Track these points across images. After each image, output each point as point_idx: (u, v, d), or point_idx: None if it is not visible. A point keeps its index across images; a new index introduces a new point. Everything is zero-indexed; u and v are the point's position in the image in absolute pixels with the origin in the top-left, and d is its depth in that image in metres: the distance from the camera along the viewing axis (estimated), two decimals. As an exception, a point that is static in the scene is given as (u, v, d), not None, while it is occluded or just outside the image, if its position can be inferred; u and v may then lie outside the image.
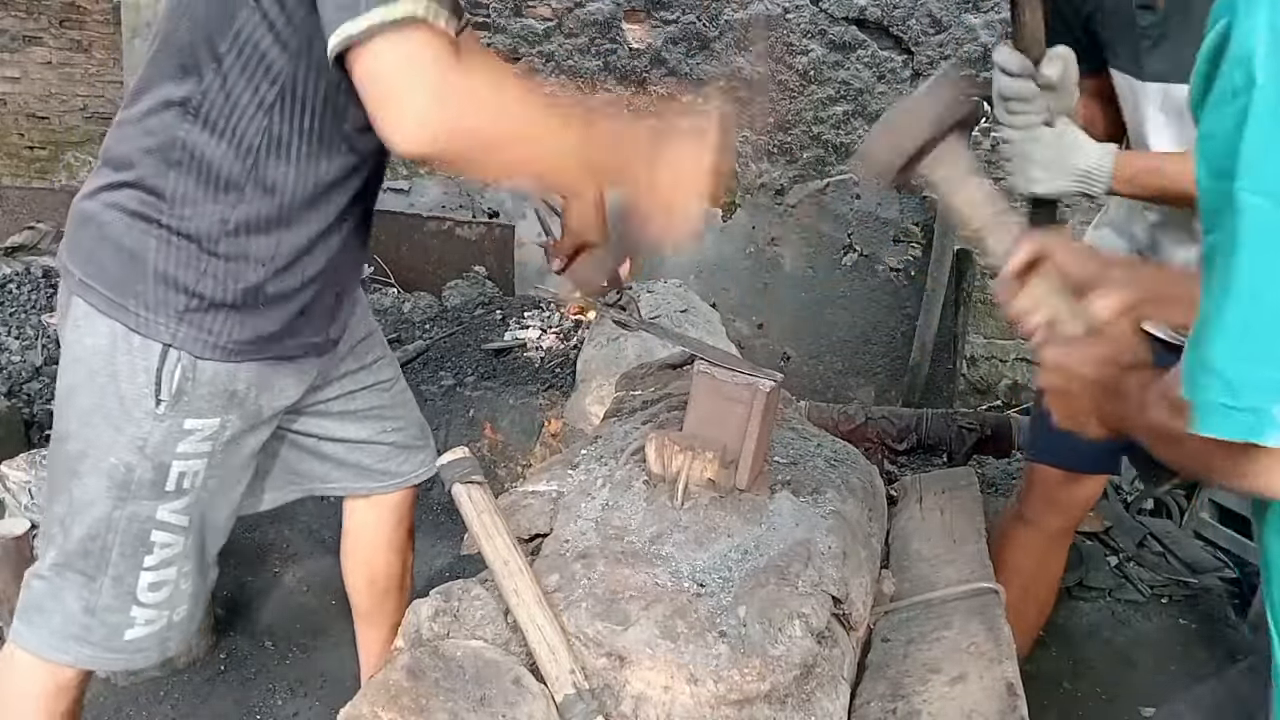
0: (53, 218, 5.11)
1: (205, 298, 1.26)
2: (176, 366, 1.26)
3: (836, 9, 4.58)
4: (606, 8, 4.75)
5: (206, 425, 1.32)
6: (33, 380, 3.04)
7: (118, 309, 1.25)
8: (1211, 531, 3.09)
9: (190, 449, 1.32)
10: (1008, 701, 1.23)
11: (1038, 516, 1.96)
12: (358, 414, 1.60)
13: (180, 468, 1.32)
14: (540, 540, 1.33)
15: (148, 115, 1.23)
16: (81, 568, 1.33)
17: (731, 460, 1.34)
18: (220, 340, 1.29)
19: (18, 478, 2.17)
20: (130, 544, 1.33)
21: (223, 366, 1.30)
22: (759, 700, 1.05)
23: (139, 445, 1.28)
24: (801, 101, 4.73)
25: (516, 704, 1.01)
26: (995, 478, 3.39)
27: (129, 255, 1.24)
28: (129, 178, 1.24)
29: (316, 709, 2.20)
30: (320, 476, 1.63)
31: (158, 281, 1.24)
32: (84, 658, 1.36)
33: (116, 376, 1.26)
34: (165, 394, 1.27)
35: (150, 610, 1.36)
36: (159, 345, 1.25)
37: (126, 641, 1.36)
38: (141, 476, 1.30)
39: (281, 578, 2.65)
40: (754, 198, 4.88)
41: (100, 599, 1.34)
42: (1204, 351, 0.69)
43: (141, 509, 1.31)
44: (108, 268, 1.25)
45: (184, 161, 1.22)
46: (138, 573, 1.34)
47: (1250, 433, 0.67)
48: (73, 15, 5.23)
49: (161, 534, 1.34)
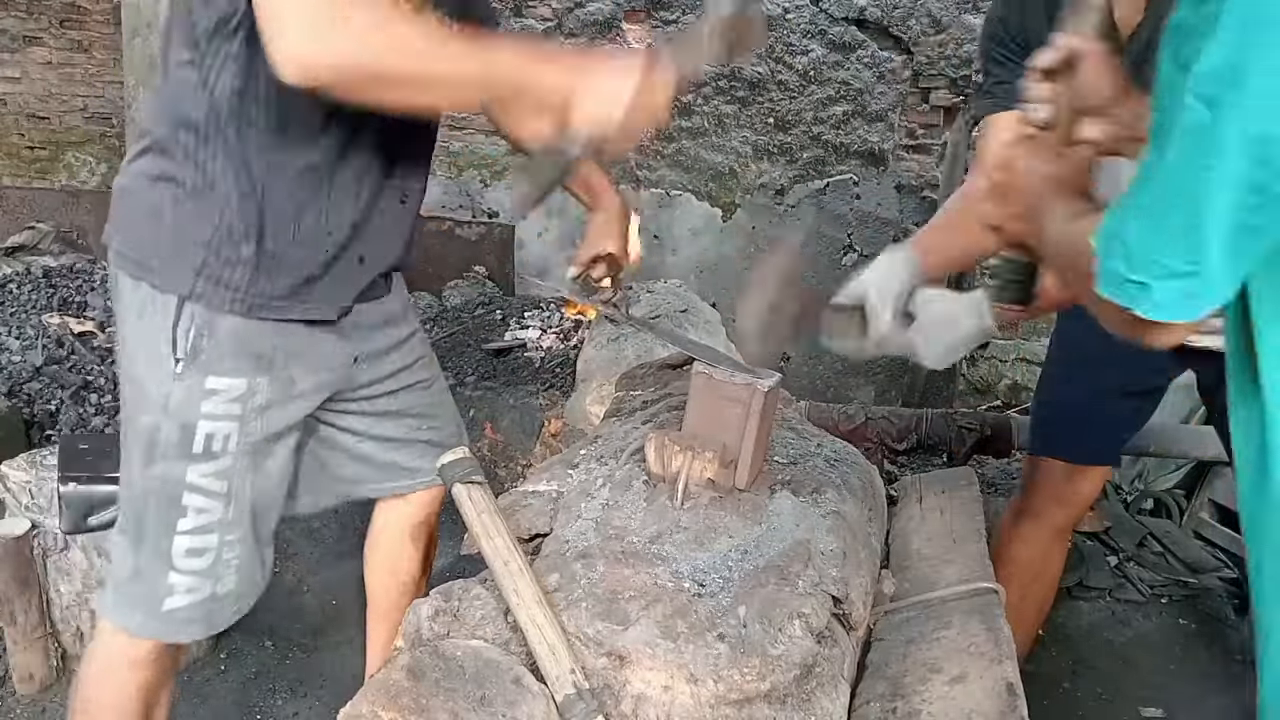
0: (53, 218, 5.12)
1: (220, 253, 1.28)
2: (191, 323, 1.29)
3: (836, 9, 4.58)
4: (606, 8, 4.75)
5: (232, 386, 1.32)
6: (33, 380, 3.04)
7: (144, 270, 1.30)
8: (1211, 531, 3.09)
9: (216, 409, 1.32)
10: (1008, 701, 1.23)
11: (1041, 511, 1.98)
12: (398, 412, 1.61)
13: (207, 428, 1.32)
14: (540, 540, 1.33)
15: (164, 84, 1.30)
16: (130, 530, 1.37)
17: (731, 460, 1.34)
18: (239, 294, 1.30)
19: (18, 478, 2.17)
20: (163, 506, 1.34)
21: (241, 322, 1.31)
22: (759, 700, 1.05)
23: (163, 404, 1.31)
24: (801, 101, 4.73)
25: (516, 704, 1.01)
26: (995, 478, 3.39)
27: (151, 217, 1.29)
28: (148, 143, 1.30)
29: (316, 709, 2.20)
30: (355, 479, 1.64)
31: (176, 237, 1.28)
32: (135, 623, 1.38)
33: (145, 337, 1.31)
34: (181, 351, 1.29)
35: (189, 578, 1.37)
36: (175, 299, 1.28)
37: (166, 611, 1.37)
38: (168, 436, 1.31)
39: (282, 578, 2.65)
40: (754, 198, 4.88)
41: (141, 561, 1.36)
42: (1121, 217, 0.77)
43: (172, 470, 1.33)
44: (135, 233, 1.31)
45: (190, 117, 1.25)
46: (172, 536, 1.35)
47: (1133, 302, 0.75)
48: (73, 15, 5.23)
49: (194, 497, 1.34)
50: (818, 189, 4.82)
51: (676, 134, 4.87)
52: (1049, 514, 1.97)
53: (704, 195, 4.93)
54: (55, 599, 2.17)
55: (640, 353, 2.82)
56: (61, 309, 3.51)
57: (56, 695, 2.16)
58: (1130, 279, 0.74)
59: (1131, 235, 0.75)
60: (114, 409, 2.99)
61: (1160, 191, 0.73)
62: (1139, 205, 0.75)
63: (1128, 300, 0.75)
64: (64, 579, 2.16)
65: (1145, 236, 0.74)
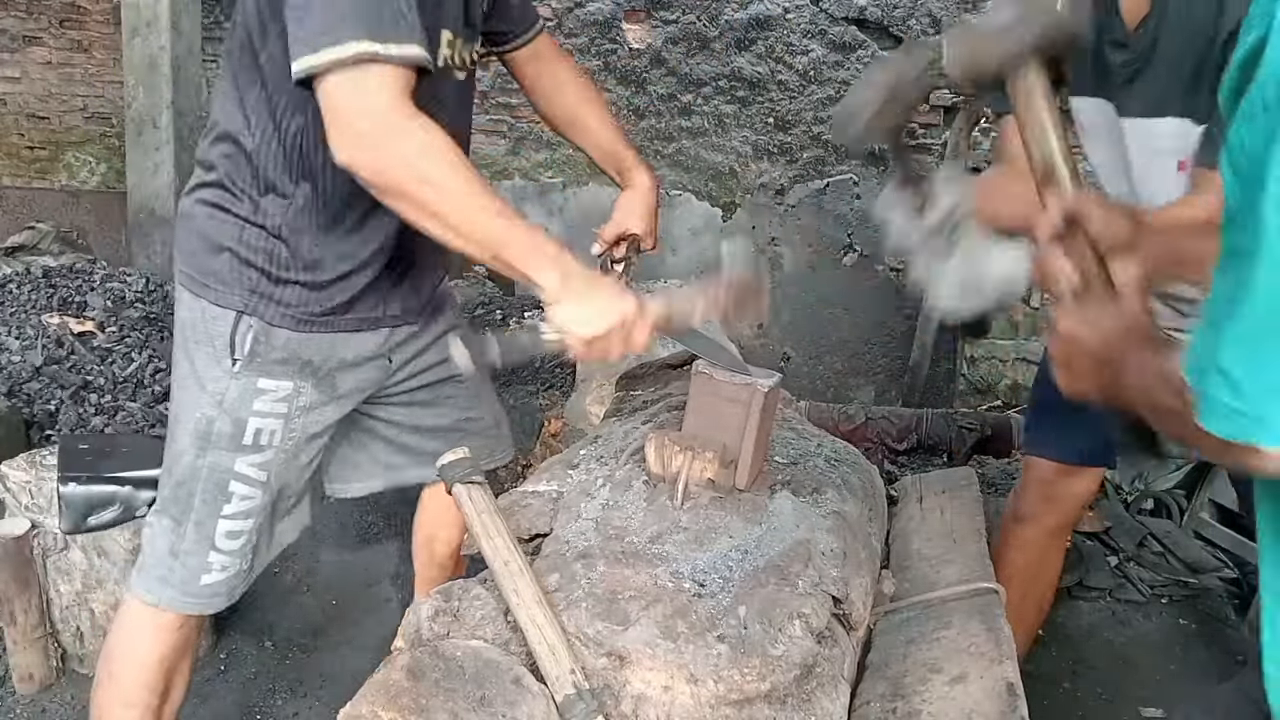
0: (53, 218, 5.11)
1: (273, 276, 1.43)
2: (249, 330, 1.43)
3: (836, 9, 4.58)
4: (606, 8, 4.75)
5: (280, 388, 1.46)
6: (33, 380, 3.03)
7: (202, 287, 1.44)
8: (1211, 531, 3.09)
9: (266, 408, 1.46)
10: (1008, 701, 1.23)
11: (1035, 513, 1.97)
12: (438, 402, 1.70)
13: (257, 424, 1.46)
14: (540, 540, 1.33)
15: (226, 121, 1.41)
16: (172, 513, 1.49)
17: (731, 460, 1.34)
18: (289, 310, 1.44)
19: (18, 478, 2.17)
20: (211, 492, 1.47)
21: (294, 335, 1.45)
22: (759, 700, 1.05)
23: (218, 400, 1.45)
24: (801, 101, 4.73)
25: (516, 704, 1.01)
26: (995, 478, 3.39)
27: (211, 242, 1.43)
28: (210, 178, 1.44)
29: (316, 709, 2.20)
30: (400, 466, 1.74)
31: (233, 262, 1.42)
32: (166, 598, 1.50)
33: (201, 342, 1.45)
34: (239, 353, 1.43)
35: (225, 557, 1.50)
36: (233, 313, 1.43)
37: (203, 586, 1.50)
38: (221, 429, 1.45)
39: (282, 578, 2.65)
40: (754, 198, 4.88)
41: (184, 543, 1.49)
42: (1214, 348, 0.70)
43: (221, 460, 1.46)
44: (195, 254, 1.45)
45: (247, 160, 1.40)
46: (216, 520, 1.48)
47: (1250, 435, 0.69)
48: (73, 15, 5.23)
49: (240, 485, 1.48)
50: (818, 189, 4.81)
51: (676, 134, 4.87)
52: (1042, 516, 1.96)
53: (704, 195, 4.93)
54: (55, 599, 2.17)
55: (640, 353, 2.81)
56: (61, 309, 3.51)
57: (56, 695, 2.16)
58: (1241, 411, 0.69)
59: (1234, 365, 0.69)
60: (114, 409, 2.99)
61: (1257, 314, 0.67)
62: (1237, 334, 0.69)
63: (1241, 433, 0.69)
64: (64, 579, 2.16)
65: (1251, 365, 0.68)
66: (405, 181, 1.18)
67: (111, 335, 3.36)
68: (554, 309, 1.23)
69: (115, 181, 5.25)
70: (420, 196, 1.19)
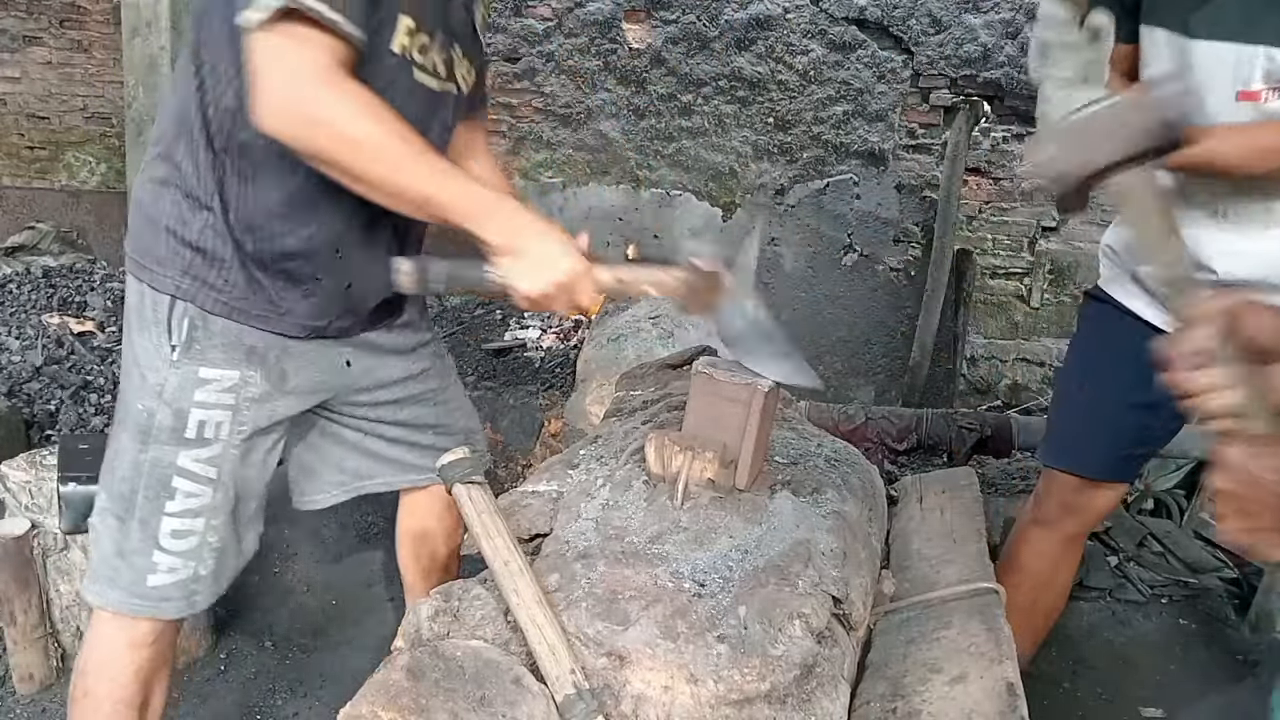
0: (53, 218, 5.11)
1: (206, 252, 1.35)
2: (185, 316, 1.36)
3: (836, 9, 4.58)
4: (606, 8, 4.75)
5: (224, 377, 1.39)
6: (33, 380, 3.04)
7: (142, 270, 1.38)
8: (1211, 531, 3.09)
9: (209, 399, 1.39)
10: (1008, 701, 1.23)
11: (1053, 520, 1.92)
12: (403, 423, 1.64)
13: (200, 416, 1.39)
14: (540, 540, 1.33)
15: (173, 93, 1.39)
16: (116, 511, 1.43)
17: (731, 460, 1.34)
18: (221, 297, 1.37)
19: (18, 478, 2.17)
20: (154, 488, 1.40)
21: (231, 323, 1.38)
22: (759, 700, 1.05)
23: (158, 391, 1.38)
24: (801, 101, 4.73)
25: (516, 704, 1.01)
26: (995, 478, 3.39)
27: (151, 220, 1.38)
28: (158, 150, 1.39)
29: (316, 709, 2.20)
30: (366, 474, 1.68)
31: (168, 238, 1.36)
32: (113, 600, 1.43)
33: (142, 328, 1.39)
34: (176, 339, 1.37)
35: (173, 558, 1.43)
36: (167, 297, 1.36)
37: (150, 588, 1.42)
38: (161, 422, 1.39)
39: (282, 578, 2.65)
40: (754, 198, 4.88)
41: (128, 542, 1.42)
42: None
43: (164, 454, 1.39)
44: (139, 235, 1.40)
45: (189, 127, 1.33)
46: (160, 517, 1.41)
47: None
48: (73, 15, 5.23)
49: (184, 481, 1.41)
50: (818, 189, 4.81)
51: (676, 134, 4.87)
52: (1062, 523, 1.91)
53: (704, 195, 4.93)
54: (55, 599, 2.17)
55: (640, 353, 2.82)
56: (61, 309, 3.51)
57: (56, 695, 2.16)
58: None
59: None
60: (113, 409, 2.98)
61: None
62: None
63: None
64: (64, 579, 2.16)
65: None
66: (326, 143, 1.16)
67: (111, 335, 3.36)
68: (499, 260, 1.24)
69: (115, 181, 5.25)
70: (343, 159, 1.17)
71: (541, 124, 4.93)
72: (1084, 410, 1.86)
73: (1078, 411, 1.88)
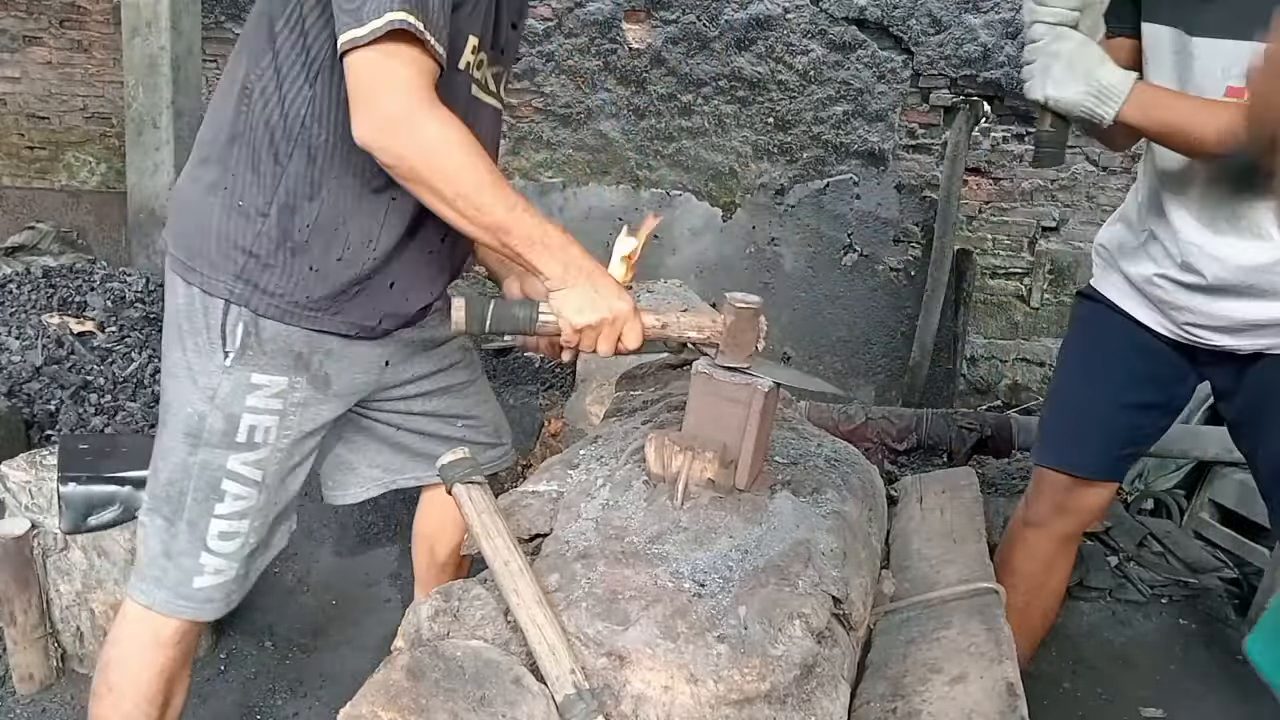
0: (53, 218, 5.11)
1: (259, 257, 1.37)
2: (239, 322, 1.38)
3: (836, 9, 4.59)
4: (606, 8, 4.75)
5: (274, 383, 1.42)
6: (33, 380, 3.04)
7: (191, 272, 1.39)
8: (1211, 531, 3.09)
9: (259, 404, 1.41)
10: (1008, 701, 1.23)
11: (1045, 521, 1.93)
12: (434, 413, 1.68)
13: (250, 421, 1.41)
14: (540, 540, 1.32)
15: (221, 100, 1.39)
16: (164, 512, 1.44)
17: (731, 460, 1.34)
18: (274, 300, 1.38)
19: (18, 478, 2.17)
20: (203, 490, 1.42)
21: (281, 327, 1.40)
22: (759, 700, 1.05)
23: (210, 395, 1.40)
24: (801, 101, 4.74)
25: (516, 704, 1.01)
26: (995, 478, 3.39)
27: (201, 224, 1.38)
28: (205, 154, 1.40)
29: (316, 709, 2.20)
30: (398, 468, 1.71)
31: (220, 242, 1.37)
32: (159, 600, 1.45)
33: (193, 333, 1.40)
34: (230, 346, 1.38)
35: (219, 559, 1.45)
36: (221, 301, 1.38)
37: (195, 589, 1.45)
38: (213, 425, 1.40)
39: (282, 578, 2.65)
40: (754, 198, 4.88)
41: (176, 543, 1.44)
42: None
43: (214, 457, 1.41)
44: (186, 237, 1.40)
45: (243, 133, 1.35)
46: (209, 519, 1.43)
47: None
48: (73, 15, 5.23)
49: (233, 484, 1.43)
50: (818, 189, 4.82)
51: (676, 134, 4.87)
52: (1053, 523, 1.92)
53: (704, 195, 4.93)
54: (55, 599, 2.17)
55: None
56: (61, 309, 3.51)
57: (56, 695, 2.16)
58: None
59: None
60: (114, 409, 2.99)
61: None
62: None
63: None
64: (64, 579, 2.16)
65: None
66: (422, 166, 1.20)
67: (111, 335, 3.36)
68: (553, 295, 1.30)
69: (115, 181, 5.26)
70: (435, 182, 1.22)
71: (541, 124, 4.93)
72: (1077, 409, 1.87)
73: (1070, 411, 1.89)
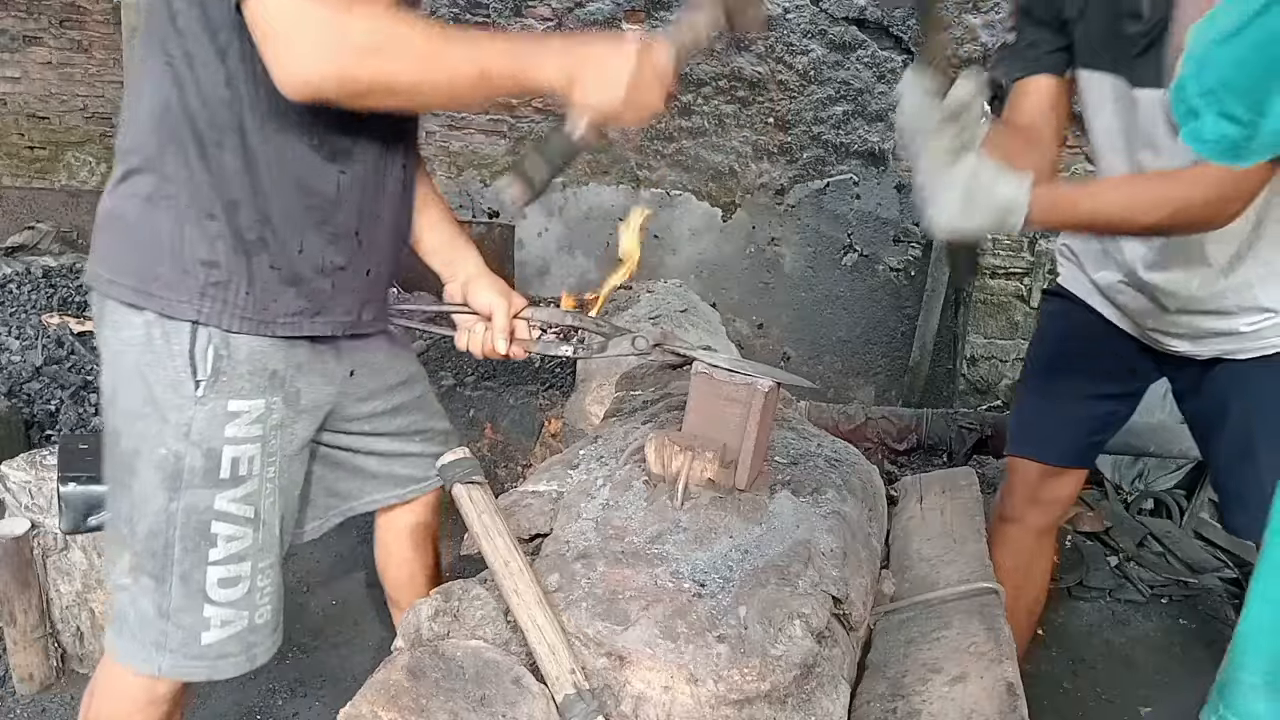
0: (53, 218, 5.11)
1: (220, 264, 1.23)
2: (209, 345, 1.25)
3: (836, 9, 4.58)
4: (606, 8, 4.76)
5: (252, 407, 1.29)
6: (33, 380, 3.04)
7: (145, 297, 1.24)
8: (1211, 531, 3.09)
9: (240, 433, 1.28)
10: (1008, 701, 1.23)
11: (1019, 514, 1.99)
12: (393, 433, 1.59)
13: (232, 453, 1.28)
14: (540, 540, 1.33)
15: (135, 103, 1.25)
16: (150, 569, 1.29)
17: (731, 460, 1.34)
18: (247, 311, 1.26)
19: (18, 478, 2.17)
20: (191, 538, 1.28)
21: (256, 342, 1.28)
22: (759, 700, 1.05)
23: (184, 431, 1.26)
24: (801, 101, 4.73)
25: (516, 704, 1.01)
26: (995, 478, 3.39)
27: (147, 241, 1.23)
28: (135, 163, 1.24)
29: (316, 709, 2.20)
30: (356, 494, 1.61)
31: (175, 259, 1.22)
32: (166, 666, 1.31)
33: (156, 365, 1.25)
34: (202, 374, 1.25)
35: (225, 610, 1.31)
36: (187, 325, 1.24)
37: (205, 646, 1.31)
38: (193, 464, 1.27)
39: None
40: (754, 198, 4.88)
41: (171, 600, 1.29)
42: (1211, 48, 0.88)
43: (198, 499, 1.27)
44: (130, 259, 1.25)
45: (173, 132, 1.21)
46: (204, 568, 1.29)
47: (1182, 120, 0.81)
48: (73, 15, 5.23)
49: (224, 525, 1.29)
50: (818, 189, 4.81)
51: (676, 134, 4.87)
52: (1027, 517, 1.99)
53: (704, 195, 4.93)
54: (55, 599, 2.17)
55: (640, 353, 2.81)
56: (61, 309, 3.51)
57: (56, 695, 2.16)
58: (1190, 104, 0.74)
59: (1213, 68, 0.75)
60: (114, 409, 2.99)
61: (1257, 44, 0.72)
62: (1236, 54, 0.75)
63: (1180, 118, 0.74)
64: (64, 579, 2.16)
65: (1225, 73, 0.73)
66: (365, 74, 1.08)
67: (111, 335, 3.36)
68: (574, 94, 1.17)
69: (115, 181, 5.25)
70: (390, 81, 1.10)
71: (541, 124, 4.93)
72: (1045, 401, 1.93)
73: (1039, 402, 1.95)
